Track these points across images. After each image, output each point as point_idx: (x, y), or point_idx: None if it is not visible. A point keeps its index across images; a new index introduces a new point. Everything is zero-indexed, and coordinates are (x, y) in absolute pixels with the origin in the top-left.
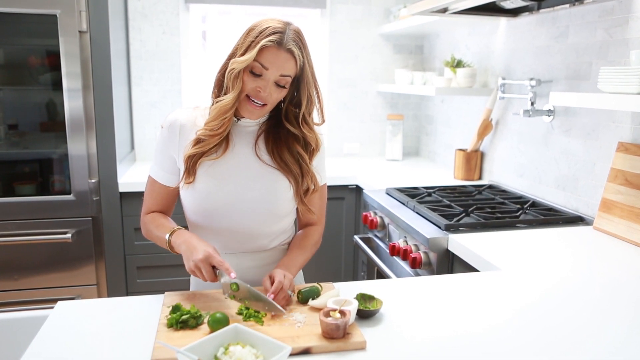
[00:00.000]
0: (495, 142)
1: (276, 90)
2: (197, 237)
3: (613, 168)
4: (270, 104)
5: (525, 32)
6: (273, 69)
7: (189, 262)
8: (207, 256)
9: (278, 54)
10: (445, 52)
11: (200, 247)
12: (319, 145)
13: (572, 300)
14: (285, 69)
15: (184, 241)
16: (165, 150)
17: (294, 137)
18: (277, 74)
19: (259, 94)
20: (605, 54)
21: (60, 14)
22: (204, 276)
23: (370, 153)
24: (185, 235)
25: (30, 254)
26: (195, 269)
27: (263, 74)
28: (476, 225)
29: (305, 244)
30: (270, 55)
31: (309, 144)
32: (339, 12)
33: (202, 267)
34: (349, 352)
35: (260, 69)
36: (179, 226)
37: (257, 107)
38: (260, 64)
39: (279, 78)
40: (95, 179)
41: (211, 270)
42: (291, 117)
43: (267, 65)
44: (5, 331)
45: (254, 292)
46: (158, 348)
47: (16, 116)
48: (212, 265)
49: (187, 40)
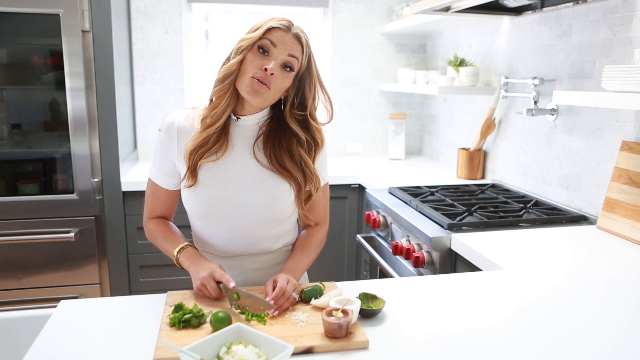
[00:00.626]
0: (498, 141)
1: (282, 74)
2: (203, 257)
3: (617, 167)
4: (274, 89)
5: (529, 30)
6: (281, 47)
7: (195, 282)
8: (211, 272)
9: (286, 35)
10: (448, 51)
11: (204, 265)
12: (324, 142)
13: (576, 300)
14: (293, 50)
15: (192, 263)
16: (164, 153)
17: (296, 141)
18: (285, 54)
19: (265, 73)
20: (609, 52)
21: (63, 14)
22: (210, 292)
23: (373, 152)
24: (192, 257)
25: (33, 253)
26: (201, 287)
27: (270, 52)
28: (479, 224)
29: (308, 245)
30: (279, 34)
31: (312, 144)
32: (341, 10)
33: (207, 284)
34: (351, 352)
35: (269, 45)
36: (186, 242)
37: (263, 87)
38: (269, 40)
39: (286, 59)
40: (98, 178)
41: (216, 286)
42: (294, 117)
43: (276, 42)
44: (9, 330)
45: (253, 296)
46: (160, 347)
47: (19, 116)
48: (216, 280)
49: (190, 40)
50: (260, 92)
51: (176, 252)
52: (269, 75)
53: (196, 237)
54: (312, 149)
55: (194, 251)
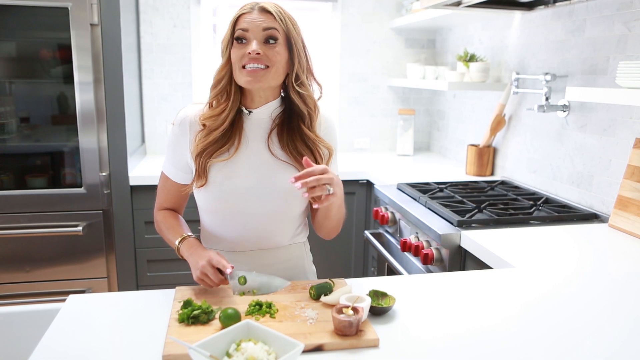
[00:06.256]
0: (508, 138)
1: (269, 49)
2: (202, 247)
3: (630, 165)
4: (271, 65)
5: (540, 26)
6: (253, 28)
7: (195, 272)
8: (209, 259)
9: (253, 14)
10: (458, 46)
11: (203, 254)
12: (317, 107)
13: (587, 298)
14: (266, 23)
15: (191, 253)
16: (177, 147)
17: (301, 118)
18: (260, 30)
19: (250, 56)
20: (624, 48)
21: (71, 7)
22: (212, 280)
23: (381, 148)
24: (192, 247)
25: (41, 246)
26: (202, 275)
27: (247, 38)
28: (489, 221)
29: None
30: (246, 18)
31: (307, 113)
32: (350, 5)
33: (207, 271)
34: (361, 350)
35: (242, 33)
36: (188, 233)
37: (257, 70)
38: (240, 29)
39: (264, 34)
40: (106, 172)
41: (216, 272)
42: (295, 92)
43: (247, 27)
44: (18, 324)
45: (264, 276)
46: (169, 343)
47: (28, 109)
48: (215, 267)
49: (198, 34)
50: (257, 75)
51: (177, 241)
52: (256, 56)
53: (205, 232)
54: (307, 119)
55: (195, 241)
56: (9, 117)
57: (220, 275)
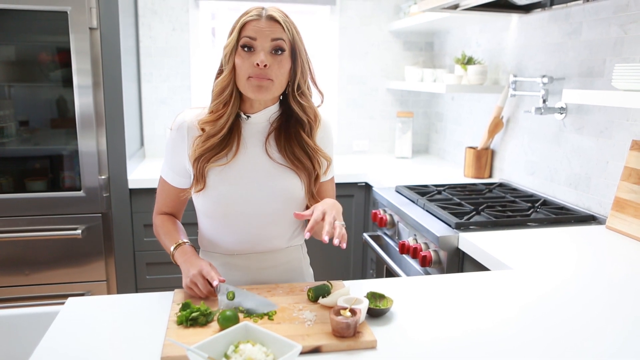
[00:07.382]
0: (506, 140)
1: (275, 60)
2: (196, 255)
3: (627, 167)
4: (276, 77)
5: (537, 28)
6: (261, 37)
7: (185, 279)
8: (200, 270)
9: (261, 23)
10: (456, 49)
11: (195, 263)
12: (318, 116)
13: (585, 299)
14: (274, 33)
15: (184, 260)
16: (175, 152)
17: (300, 125)
18: (268, 40)
19: (258, 68)
20: (620, 50)
21: (70, 11)
22: (200, 290)
23: (380, 150)
24: (186, 254)
25: (40, 249)
26: (191, 284)
27: (254, 46)
28: (487, 223)
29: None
30: (254, 25)
31: (307, 122)
32: (348, 8)
33: (197, 280)
34: (359, 351)
35: (249, 41)
36: (184, 240)
37: (264, 81)
38: (247, 37)
39: (271, 44)
40: (105, 176)
41: (206, 283)
42: (295, 100)
43: (255, 35)
44: (17, 327)
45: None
46: (168, 345)
47: (27, 113)
48: (205, 278)
49: (197, 37)
50: (264, 86)
51: (173, 247)
52: (263, 68)
53: (203, 235)
54: (307, 127)
55: (190, 249)
56: (9, 121)
57: (209, 286)
